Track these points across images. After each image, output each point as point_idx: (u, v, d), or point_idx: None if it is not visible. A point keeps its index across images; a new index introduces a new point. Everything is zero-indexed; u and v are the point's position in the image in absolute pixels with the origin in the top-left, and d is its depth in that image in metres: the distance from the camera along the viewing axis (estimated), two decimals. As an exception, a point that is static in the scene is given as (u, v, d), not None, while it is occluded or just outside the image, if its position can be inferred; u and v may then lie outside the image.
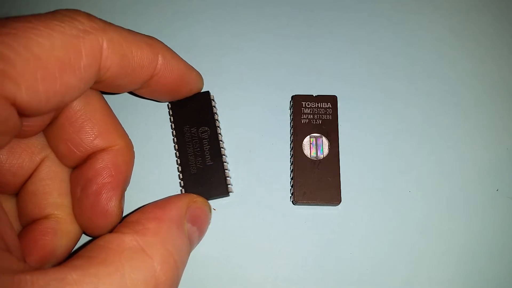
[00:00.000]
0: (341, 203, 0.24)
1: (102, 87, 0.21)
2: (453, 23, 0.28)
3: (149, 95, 0.24)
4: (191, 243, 0.20)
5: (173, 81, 0.23)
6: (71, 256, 0.19)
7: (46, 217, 0.21)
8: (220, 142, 0.24)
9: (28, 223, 0.21)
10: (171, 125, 0.25)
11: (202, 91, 0.25)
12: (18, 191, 0.21)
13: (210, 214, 0.22)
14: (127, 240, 0.17)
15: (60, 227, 0.21)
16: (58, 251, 0.21)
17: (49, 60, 0.17)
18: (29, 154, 0.21)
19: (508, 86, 0.27)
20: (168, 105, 0.25)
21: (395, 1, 0.28)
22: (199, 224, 0.20)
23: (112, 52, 0.19)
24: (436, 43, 0.28)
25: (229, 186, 0.24)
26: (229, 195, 0.24)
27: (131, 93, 0.25)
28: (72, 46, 0.17)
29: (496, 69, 0.27)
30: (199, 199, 0.21)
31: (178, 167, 0.25)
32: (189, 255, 0.19)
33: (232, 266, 0.24)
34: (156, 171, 0.25)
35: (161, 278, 0.17)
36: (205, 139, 0.24)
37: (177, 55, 0.23)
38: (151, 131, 0.26)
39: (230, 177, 0.25)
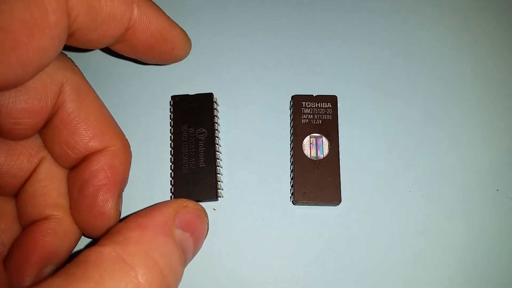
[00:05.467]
0: (341, 203, 0.24)
1: (74, 42, 0.20)
2: (453, 23, 0.28)
3: (128, 53, 0.22)
4: (185, 251, 0.18)
5: (152, 37, 0.21)
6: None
7: (46, 218, 0.21)
8: (216, 145, 0.24)
9: (28, 224, 0.21)
10: (170, 122, 0.25)
11: (206, 92, 0.25)
12: (17, 192, 0.21)
13: (206, 219, 0.20)
14: (106, 251, 0.15)
15: (60, 227, 0.21)
16: (59, 251, 0.21)
17: (14, 27, 0.15)
18: (27, 156, 0.21)
19: (508, 86, 0.27)
20: (170, 101, 0.25)
21: (395, 1, 0.28)
22: (192, 229, 0.18)
23: (77, 2, 0.17)
24: (436, 43, 0.28)
25: (219, 190, 0.24)
26: (217, 200, 0.24)
27: (109, 51, 0.23)
28: (35, 4, 0.16)
29: (496, 69, 0.27)
30: (190, 203, 0.19)
31: (170, 165, 0.25)
32: (182, 264, 0.18)
33: (232, 266, 0.24)
34: (155, 170, 0.25)
35: None
36: (202, 140, 0.24)
37: (158, 7, 0.21)
38: (149, 130, 0.26)
39: (222, 182, 0.25)
